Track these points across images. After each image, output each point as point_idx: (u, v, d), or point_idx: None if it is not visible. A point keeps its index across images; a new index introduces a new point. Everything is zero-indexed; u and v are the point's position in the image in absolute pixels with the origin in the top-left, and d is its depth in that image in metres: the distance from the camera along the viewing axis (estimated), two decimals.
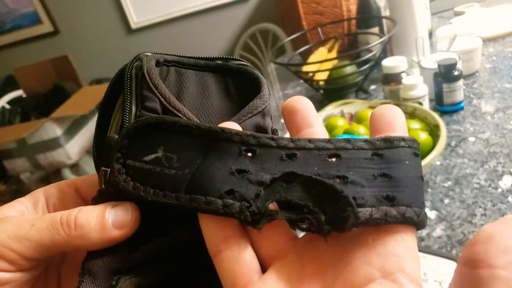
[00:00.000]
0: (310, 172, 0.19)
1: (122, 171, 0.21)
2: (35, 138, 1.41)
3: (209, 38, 2.59)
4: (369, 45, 0.91)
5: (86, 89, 1.68)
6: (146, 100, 0.23)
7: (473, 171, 0.65)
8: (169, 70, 0.25)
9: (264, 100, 0.24)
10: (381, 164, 0.19)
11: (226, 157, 0.20)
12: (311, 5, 1.21)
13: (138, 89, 0.23)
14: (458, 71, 0.78)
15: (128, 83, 0.24)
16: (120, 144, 0.21)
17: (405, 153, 0.20)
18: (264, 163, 0.20)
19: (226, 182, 0.19)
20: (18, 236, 0.20)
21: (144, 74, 0.24)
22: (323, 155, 0.20)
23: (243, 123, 0.23)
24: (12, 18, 2.56)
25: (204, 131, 0.20)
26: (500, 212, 0.56)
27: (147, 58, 0.24)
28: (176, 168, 0.20)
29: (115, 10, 2.51)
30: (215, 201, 0.19)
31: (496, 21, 1.17)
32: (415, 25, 0.97)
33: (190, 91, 0.24)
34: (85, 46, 2.61)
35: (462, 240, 0.53)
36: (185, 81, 0.25)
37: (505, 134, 0.71)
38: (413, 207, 0.18)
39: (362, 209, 0.18)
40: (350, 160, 0.19)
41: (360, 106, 0.82)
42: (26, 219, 0.21)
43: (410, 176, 0.19)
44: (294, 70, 1.04)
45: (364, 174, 0.19)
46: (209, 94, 0.25)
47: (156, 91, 0.23)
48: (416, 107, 0.74)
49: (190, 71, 0.25)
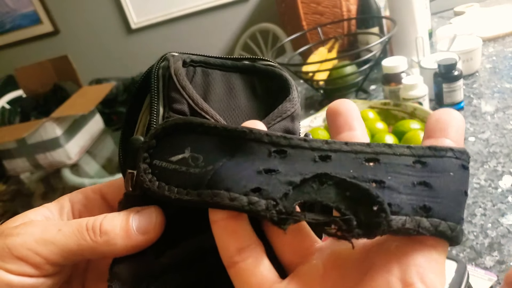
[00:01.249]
0: (344, 174, 0.18)
1: (148, 170, 0.20)
2: (35, 138, 1.41)
3: (209, 38, 2.58)
4: (369, 45, 0.91)
5: (86, 89, 1.68)
6: (174, 101, 0.23)
7: (473, 171, 0.65)
8: (195, 71, 0.25)
9: (293, 103, 0.23)
10: (423, 172, 0.18)
11: (253, 157, 0.20)
12: (311, 5, 1.21)
13: (166, 90, 0.23)
14: (458, 71, 0.78)
15: (155, 84, 0.24)
16: (147, 144, 0.21)
17: (451, 164, 0.18)
18: (295, 163, 0.19)
19: (252, 180, 0.19)
20: (44, 240, 0.20)
21: (171, 75, 0.23)
22: (360, 159, 0.19)
23: (272, 127, 0.22)
24: (12, 18, 2.56)
25: (231, 131, 0.20)
26: (500, 212, 0.56)
27: (174, 59, 0.24)
28: (201, 167, 0.20)
29: (115, 10, 2.51)
30: (239, 197, 0.18)
31: (496, 21, 1.17)
32: (415, 25, 0.97)
33: (217, 92, 0.24)
34: (85, 46, 2.61)
35: (462, 240, 0.53)
36: (212, 82, 0.24)
37: (505, 134, 0.71)
38: (448, 221, 0.17)
39: (396, 217, 0.17)
40: (389, 165, 0.19)
41: (360, 106, 0.82)
42: (52, 224, 0.21)
43: (452, 189, 0.18)
44: (294, 70, 1.04)
45: (403, 180, 0.18)
46: (235, 95, 0.24)
47: (184, 92, 0.23)
48: (416, 107, 0.74)
49: (217, 71, 0.25)
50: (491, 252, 0.51)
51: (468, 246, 0.52)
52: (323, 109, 0.85)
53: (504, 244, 0.51)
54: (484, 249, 0.51)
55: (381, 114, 0.79)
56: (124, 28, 2.57)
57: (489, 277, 0.47)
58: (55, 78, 1.77)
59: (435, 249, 0.17)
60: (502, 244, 0.51)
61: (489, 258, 0.50)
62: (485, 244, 0.52)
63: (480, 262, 0.50)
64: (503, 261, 0.49)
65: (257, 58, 0.26)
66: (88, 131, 1.57)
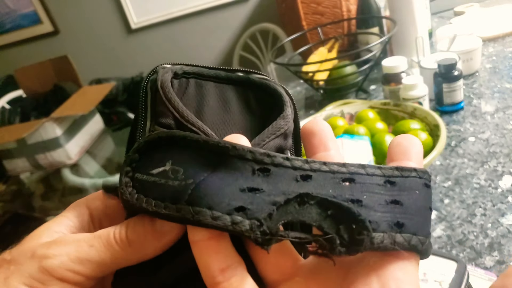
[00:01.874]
0: (325, 194, 0.19)
1: (129, 184, 0.20)
2: (35, 138, 1.41)
3: (209, 38, 2.58)
4: (369, 45, 0.92)
5: (86, 89, 1.68)
6: (160, 115, 0.23)
7: (473, 171, 0.65)
8: (188, 82, 0.24)
9: (287, 120, 0.23)
10: (393, 191, 0.19)
11: (237, 174, 0.19)
12: (311, 5, 1.21)
13: (153, 104, 0.23)
14: (458, 71, 0.78)
15: (143, 97, 0.23)
16: (130, 158, 0.21)
17: (416, 183, 0.20)
18: (278, 183, 0.19)
19: (236, 198, 0.19)
20: (79, 259, 0.20)
21: (157, 88, 0.23)
22: (338, 179, 0.20)
23: (267, 145, 0.22)
24: (12, 18, 2.56)
25: (213, 146, 0.20)
26: (500, 212, 0.56)
27: (163, 71, 0.24)
28: (180, 179, 0.19)
29: (115, 10, 2.51)
30: (222, 216, 0.18)
31: (496, 21, 1.17)
32: (415, 25, 0.97)
33: (211, 105, 0.24)
34: (85, 46, 2.61)
35: (462, 240, 0.53)
36: (206, 94, 0.24)
37: (505, 134, 0.71)
38: (418, 235, 0.19)
39: (375, 234, 0.18)
40: (363, 185, 0.19)
41: (360, 106, 0.82)
42: (82, 239, 0.21)
43: (419, 205, 0.20)
44: (294, 70, 1.04)
45: (377, 199, 0.19)
46: (229, 109, 0.24)
47: (169, 105, 0.22)
48: (416, 107, 0.74)
49: (211, 83, 0.24)
50: (491, 252, 0.51)
51: (468, 246, 0.52)
52: (323, 109, 0.85)
53: (504, 244, 0.51)
54: (484, 249, 0.51)
55: (381, 114, 0.79)
56: (124, 28, 2.57)
57: (489, 277, 0.47)
58: (55, 78, 1.77)
59: (409, 262, 0.18)
60: (502, 244, 0.51)
61: (489, 258, 0.50)
62: (485, 244, 0.52)
63: (480, 262, 0.50)
64: (503, 261, 0.49)
65: (251, 71, 0.25)
66: (88, 131, 1.57)
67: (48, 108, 1.53)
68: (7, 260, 0.21)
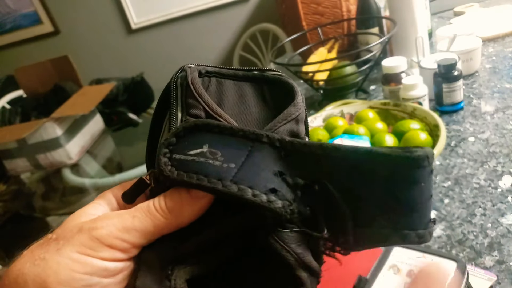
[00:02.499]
0: (336, 180, 0.21)
1: (168, 163, 0.23)
2: (35, 138, 1.41)
3: (209, 38, 2.59)
4: (369, 45, 0.92)
5: (86, 89, 1.68)
6: (191, 107, 0.25)
7: (473, 171, 0.65)
8: (210, 81, 0.27)
9: (298, 107, 0.26)
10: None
11: (269, 159, 0.22)
12: (311, 6, 1.21)
13: (183, 98, 0.26)
14: (457, 71, 0.79)
15: (174, 92, 0.26)
16: (168, 141, 0.23)
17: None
18: (298, 167, 0.22)
19: (270, 181, 0.22)
20: (126, 228, 0.22)
21: (188, 84, 0.26)
22: (349, 164, 0.22)
23: (279, 129, 0.25)
24: (12, 18, 2.56)
25: (248, 133, 0.23)
26: (500, 212, 0.56)
27: (190, 69, 0.27)
28: (220, 161, 0.22)
29: (115, 10, 2.52)
30: (260, 195, 0.21)
31: (496, 21, 1.17)
32: (415, 25, 0.97)
33: (230, 99, 0.27)
34: (85, 46, 2.61)
35: (462, 240, 0.53)
36: (225, 91, 0.27)
37: (504, 134, 0.71)
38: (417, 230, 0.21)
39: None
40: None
41: (360, 106, 0.82)
42: (124, 213, 0.23)
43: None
44: (294, 70, 1.04)
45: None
46: (246, 102, 0.27)
47: (200, 99, 0.25)
48: (416, 107, 0.74)
49: (229, 81, 0.27)
50: (491, 252, 0.51)
51: (468, 246, 0.52)
52: (323, 109, 0.85)
53: (504, 244, 0.51)
54: (484, 249, 0.51)
55: (381, 114, 0.79)
56: (124, 28, 2.57)
57: (489, 277, 0.47)
58: (55, 78, 1.77)
59: None
60: (502, 244, 0.51)
61: (489, 258, 0.50)
62: (485, 244, 0.52)
63: (480, 262, 0.50)
64: (503, 261, 0.49)
65: (265, 69, 0.28)
66: (88, 131, 1.57)
67: (48, 108, 1.53)
68: (54, 238, 0.23)
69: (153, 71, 2.28)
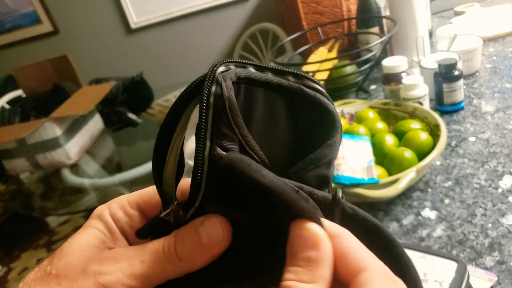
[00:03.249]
0: None
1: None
2: (35, 138, 1.41)
3: (209, 38, 2.59)
4: (369, 45, 0.91)
5: (85, 89, 1.68)
6: (224, 138, 0.21)
7: (473, 171, 0.65)
8: (239, 88, 0.22)
9: (333, 149, 0.22)
10: None
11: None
12: (311, 5, 1.21)
13: (216, 123, 0.21)
14: (458, 71, 0.78)
15: (204, 112, 0.21)
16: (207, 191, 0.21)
17: None
18: None
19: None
20: (134, 275, 0.21)
21: (225, 107, 0.21)
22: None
23: (307, 174, 0.22)
24: (12, 18, 2.56)
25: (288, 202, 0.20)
26: (500, 212, 0.56)
27: (226, 83, 0.21)
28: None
29: (115, 10, 2.51)
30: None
31: (496, 21, 1.17)
32: (415, 25, 0.96)
33: (259, 115, 0.22)
34: (85, 46, 2.61)
35: (463, 240, 0.53)
36: (255, 102, 0.22)
37: (505, 134, 0.71)
38: None
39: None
40: None
41: (360, 106, 0.82)
42: (133, 255, 0.22)
43: None
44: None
45: None
46: (277, 122, 0.23)
47: (237, 130, 0.21)
48: (416, 107, 0.74)
49: (261, 89, 0.23)
50: (491, 252, 0.50)
51: (468, 246, 0.52)
52: None
53: (504, 244, 0.51)
54: (484, 249, 0.51)
55: (381, 114, 0.79)
56: (124, 28, 2.57)
57: (489, 277, 0.47)
58: (55, 78, 1.77)
59: None
60: (502, 244, 0.51)
61: (490, 258, 0.50)
62: (485, 244, 0.52)
63: (480, 262, 0.50)
64: (503, 261, 0.49)
65: (303, 76, 0.23)
66: (88, 131, 1.57)
67: (48, 108, 1.53)
68: (53, 274, 0.21)
69: (152, 70, 2.28)
